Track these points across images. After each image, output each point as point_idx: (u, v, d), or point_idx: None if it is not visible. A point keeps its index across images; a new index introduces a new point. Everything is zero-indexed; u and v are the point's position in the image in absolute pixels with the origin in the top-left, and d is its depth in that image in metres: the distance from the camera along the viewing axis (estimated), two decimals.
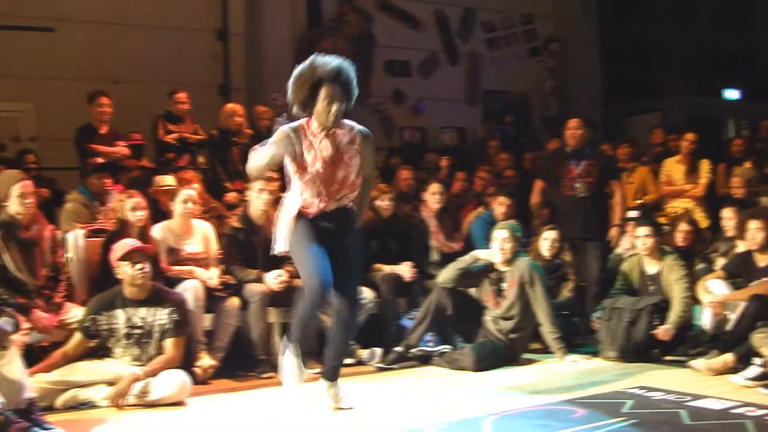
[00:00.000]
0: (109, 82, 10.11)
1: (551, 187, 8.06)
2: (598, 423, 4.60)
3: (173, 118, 8.76)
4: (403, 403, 5.30)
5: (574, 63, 14.87)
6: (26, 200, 5.85)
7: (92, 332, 5.56)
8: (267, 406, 5.11)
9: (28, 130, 10.88)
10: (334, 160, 4.86)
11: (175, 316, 5.59)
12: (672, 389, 5.37)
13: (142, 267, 5.54)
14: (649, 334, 6.53)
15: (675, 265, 6.77)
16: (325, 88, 4.74)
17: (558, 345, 6.52)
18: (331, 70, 4.77)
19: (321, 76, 4.74)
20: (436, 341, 6.77)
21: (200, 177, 8.34)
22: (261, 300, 6.45)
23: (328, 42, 12.37)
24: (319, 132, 4.84)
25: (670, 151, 10.05)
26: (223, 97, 11.67)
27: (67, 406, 5.24)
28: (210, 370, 6.10)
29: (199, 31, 11.98)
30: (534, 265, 6.62)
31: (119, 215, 6.39)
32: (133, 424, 4.92)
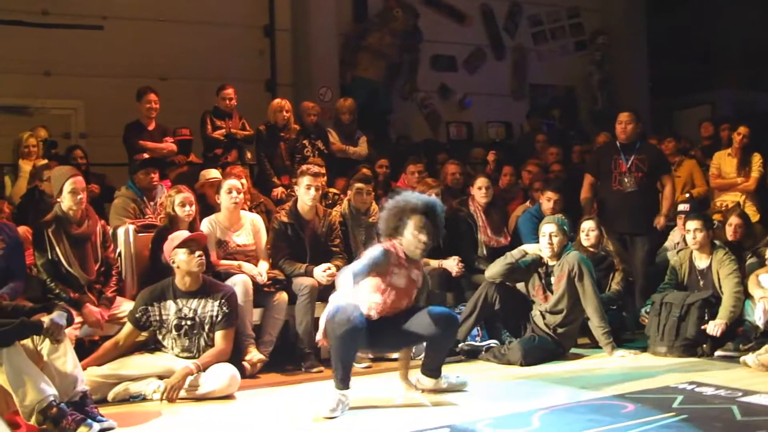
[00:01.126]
0: (157, 79, 10.20)
1: (600, 181, 8.01)
2: (648, 418, 4.55)
3: (221, 114, 8.81)
4: (451, 397, 5.29)
5: (621, 56, 14.71)
6: (78, 196, 5.94)
7: (143, 323, 5.62)
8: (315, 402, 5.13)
9: (78, 126, 11.04)
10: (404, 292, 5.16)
11: (225, 308, 5.64)
12: (723, 384, 5.30)
13: (200, 254, 5.60)
14: (700, 329, 6.45)
15: (725, 259, 6.68)
16: (416, 218, 5.03)
17: (606, 340, 6.47)
18: (425, 203, 5.09)
19: (414, 208, 5.04)
20: (483, 336, 6.76)
21: (248, 172, 8.39)
22: (309, 293, 6.47)
23: (374, 37, 12.39)
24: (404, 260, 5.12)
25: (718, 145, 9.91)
26: (269, 93, 11.72)
27: (118, 399, 5.32)
28: (258, 364, 6.14)
29: (245, 28, 12.04)
30: (583, 259, 6.56)
31: (168, 210, 6.45)
32: (184, 417, 4.97)
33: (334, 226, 6.96)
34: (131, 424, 4.78)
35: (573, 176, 9.03)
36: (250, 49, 12.04)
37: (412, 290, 5.21)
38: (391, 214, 5.10)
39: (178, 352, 5.60)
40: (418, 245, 5.03)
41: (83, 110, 11.03)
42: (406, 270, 5.12)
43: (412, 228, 5.01)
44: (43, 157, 8.22)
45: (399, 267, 5.09)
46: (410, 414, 4.89)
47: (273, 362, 6.36)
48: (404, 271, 5.11)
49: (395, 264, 5.08)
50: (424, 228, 5.00)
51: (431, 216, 5.05)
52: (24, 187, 7.81)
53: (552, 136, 11.62)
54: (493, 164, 9.92)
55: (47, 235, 5.89)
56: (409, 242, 5.04)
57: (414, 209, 5.02)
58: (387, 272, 5.05)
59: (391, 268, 5.06)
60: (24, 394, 4.31)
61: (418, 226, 5.00)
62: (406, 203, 5.05)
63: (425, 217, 5.01)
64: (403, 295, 5.16)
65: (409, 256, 5.12)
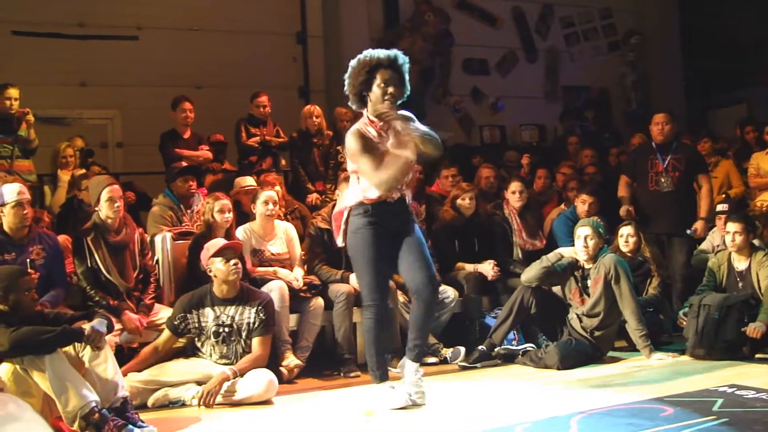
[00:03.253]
0: (192, 88, 10.29)
1: (636, 182, 7.97)
2: (688, 422, 4.50)
3: (255, 122, 8.88)
4: (488, 401, 5.28)
5: (654, 56, 14.63)
6: (115, 204, 6.03)
7: (181, 330, 5.68)
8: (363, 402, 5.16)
9: (114, 136, 11.20)
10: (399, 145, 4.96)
11: (263, 315, 5.68)
12: (764, 388, 5.22)
13: (236, 263, 5.65)
14: (739, 331, 6.38)
15: (765, 261, 6.60)
16: (381, 73, 4.90)
17: (644, 342, 6.42)
18: (386, 55, 4.94)
19: (377, 62, 4.90)
20: (520, 340, 6.74)
21: (282, 179, 8.45)
22: (346, 300, 6.50)
23: (406, 42, 12.40)
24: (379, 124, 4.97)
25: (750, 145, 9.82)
26: (303, 100, 11.80)
27: (158, 405, 5.38)
28: (295, 369, 6.17)
29: (278, 35, 12.14)
30: (620, 261, 6.52)
31: (206, 217, 6.51)
32: (222, 423, 5.00)
33: None
34: (171, 429, 4.81)
35: (608, 178, 8.98)
36: (283, 56, 12.14)
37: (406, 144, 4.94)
38: (355, 71, 4.95)
39: (216, 359, 5.65)
40: (386, 97, 4.90)
41: (119, 120, 11.20)
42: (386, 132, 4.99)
43: (378, 80, 4.90)
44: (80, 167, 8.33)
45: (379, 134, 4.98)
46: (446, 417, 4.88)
47: (310, 367, 6.39)
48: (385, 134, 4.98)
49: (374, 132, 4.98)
50: (390, 80, 4.90)
51: (395, 67, 4.94)
52: (63, 196, 7.92)
53: (585, 137, 11.57)
54: (527, 167, 9.89)
55: (86, 244, 5.97)
56: (377, 96, 4.93)
57: (378, 63, 4.90)
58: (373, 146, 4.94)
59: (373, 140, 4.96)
60: (67, 400, 4.37)
61: (384, 78, 4.89)
62: (370, 58, 4.92)
63: (390, 70, 4.91)
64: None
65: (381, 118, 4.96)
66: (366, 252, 4.96)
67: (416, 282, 5.00)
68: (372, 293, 4.98)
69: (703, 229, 7.81)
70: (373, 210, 4.98)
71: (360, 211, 4.99)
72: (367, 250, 4.96)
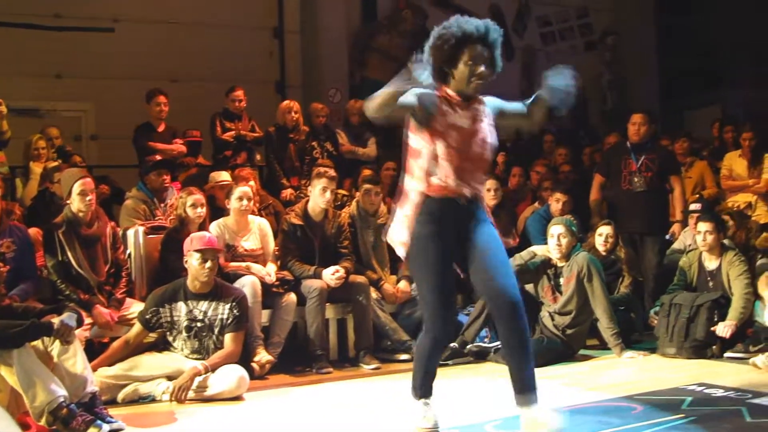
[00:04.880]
0: (168, 81, 10.24)
1: (610, 181, 8.00)
2: (657, 419, 4.54)
3: (230, 116, 8.84)
4: (459, 398, 5.29)
5: (630, 56, 14.69)
6: (87, 197, 5.98)
7: (153, 324, 5.65)
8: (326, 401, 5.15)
9: (88, 128, 11.12)
10: (471, 135, 4.17)
11: (236, 311, 5.66)
12: (732, 386, 5.29)
13: (210, 266, 5.63)
14: (709, 330, 6.44)
15: (736, 260, 6.66)
16: (470, 48, 4.12)
17: (615, 341, 6.46)
18: (477, 27, 4.15)
19: (466, 35, 4.11)
20: (492, 337, 6.74)
21: (257, 174, 8.42)
22: (319, 296, 6.49)
23: (383, 38, 12.41)
24: (457, 99, 4.18)
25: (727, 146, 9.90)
26: (279, 95, 11.76)
27: (128, 400, 5.35)
28: (267, 365, 6.16)
29: (255, 29, 12.08)
30: (592, 260, 6.56)
31: (179, 212, 6.49)
32: (193, 418, 4.99)
33: (343, 227, 6.97)
34: (140, 425, 4.80)
35: (582, 177, 9.02)
36: (260, 50, 12.09)
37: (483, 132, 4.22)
38: (438, 44, 4.15)
39: (188, 354, 5.63)
40: (474, 77, 4.12)
41: (94, 112, 11.13)
42: (467, 110, 4.19)
43: (466, 57, 4.11)
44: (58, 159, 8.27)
45: (453, 108, 4.15)
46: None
47: (282, 363, 6.37)
48: (463, 111, 4.17)
49: (447, 106, 4.14)
50: (479, 57, 4.11)
51: (486, 42, 4.15)
52: (35, 189, 7.85)
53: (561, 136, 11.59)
54: (502, 165, 9.90)
55: (57, 237, 5.92)
56: (462, 75, 4.13)
57: (467, 37, 4.10)
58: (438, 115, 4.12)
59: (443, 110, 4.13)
60: (34, 395, 4.34)
61: (472, 55, 4.11)
62: (457, 29, 4.11)
63: (480, 45, 4.12)
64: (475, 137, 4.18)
65: (464, 95, 4.19)
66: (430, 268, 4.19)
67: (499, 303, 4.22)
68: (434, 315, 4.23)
69: (679, 231, 7.89)
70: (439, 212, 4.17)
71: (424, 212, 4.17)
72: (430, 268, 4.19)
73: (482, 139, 4.21)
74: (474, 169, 4.20)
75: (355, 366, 6.56)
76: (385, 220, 7.19)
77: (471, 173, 4.19)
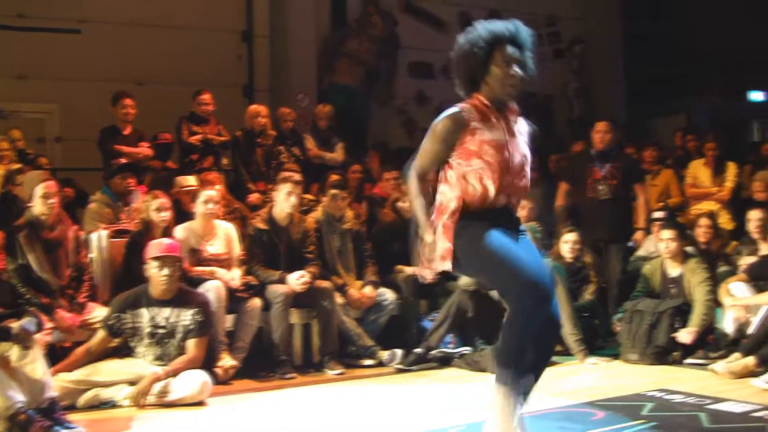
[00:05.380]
0: (134, 84, 10.18)
1: (575, 189, 8.05)
2: (617, 425, 4.58)
3: (197, 120, 8.80)
4: (423, 404, 5.30)
5: (598, 65, 14.81)
6: (50, 200, 5.92)
7: (116, 330, 5.60)
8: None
9: (53, 131, 11.01)
10: (508, 148, 3.90)
11: (199, 317, 5.63)
12: (692, 392, 5.34)
13: (167, 274, 5.59)
14: (671, 337, 6.50)
15: (698, 267, 6.73)
16: (501, 51, 3.87)
17: (579, 347, 6.51)
18: (508, 28, 3.93)
19: (498, 37, 3.89)
20: (456, 343, 6.76)
21: (223, 178, 8.38)
22: (284, 301, 6.47)
23: (352, 43, 12.43)
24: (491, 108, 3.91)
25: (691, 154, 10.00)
26: (247, 99, 11.73)
27: (88, 406, 5.28)
28: (231, 370, 6.12)
29: (223, 33, 12.04)
30: (556, 267, 6.61)
31: (143, 216, 6.44)
32: (154, 424, 4.95)
33: (309, 232, 6.96)
34: (100, 430, 4.77)
35: (549, 185, 9.06)
36: (228, 54, 12.05)
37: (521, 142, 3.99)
38: (466, 50, 3.90)
39: (151, 360, 5.58)
40: (508, 80, 3.85)
41: (58, 114, 11.01)
42: (498, 121, 3.90)
43: (499, 60, 3.86)
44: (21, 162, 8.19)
45: (485, 120, 3.87)
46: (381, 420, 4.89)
47: (246, 368, 6.34)
48: (497, 123, 3.89)
49: (477, 119, 3.87)
50: (514, 58, 3.87)
51: (517, 43, 3.92)
52: None
53: None
54: None
55: (19, 240, 5.86)
56: (496, 78, 3.87)
57: (498, 38, 3.88)
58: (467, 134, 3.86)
59: (472, 125, 3.86)
60: None
61: (506, 57, 3.86)
62: (487, 32, 3.88)
63: (511, 46, 3.89)
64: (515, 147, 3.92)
65: (499, 102, 3.93)
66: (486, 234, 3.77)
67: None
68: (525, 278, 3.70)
69: (642, 239, 7.95)
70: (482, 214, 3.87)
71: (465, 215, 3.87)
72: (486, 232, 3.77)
73: (521, 149, 3.97)
74: (515, 181, 3.94)
75: (320, 371, 6.55)
76: (351, 226, 7.22)
77: (511, 187, 3.93)
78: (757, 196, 8.11)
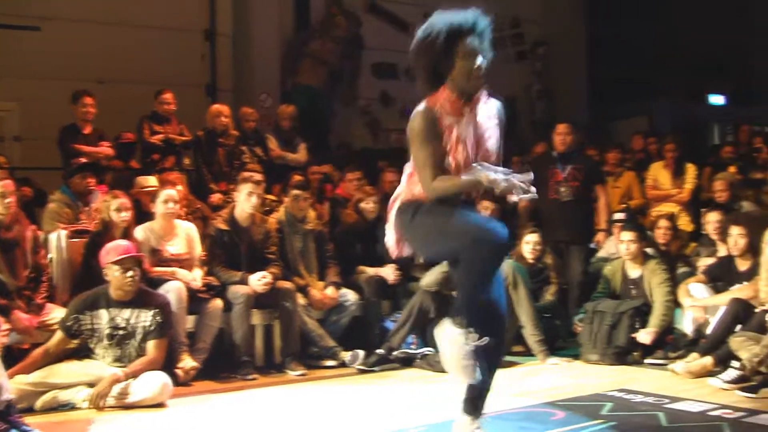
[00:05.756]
0: (95, 82, 10.05)
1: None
2: (577, 425, 4.62)
3: (159, 119, 8.73)
4: (385, 404, 5.30)
5: (560, 67, 14.91)
6: (6, 200, 5.84)
7: (74, 331, 5.54)
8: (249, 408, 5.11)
9: (12, 129, 10.85)
10: (478, 142, 3.88)
11: (159, 318, 5.58)
12: (651, 392, 5.40)
13: (132, 275, 5.53)
14: (631, 337, 6.55)
15: (657, 269, 6.80)
16: (464, 43, 3.74)
17: (540, 347, 6.54)
18: (465, 19, 3.79)
19: (457, 28, 3.76)
20: (418, 344, 6.76)
21: (185, 178, 8.32)
22: (245, 302, 6.45)
23: (316, 44, 12.39)
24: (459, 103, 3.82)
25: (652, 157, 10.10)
26: (210, 98, 11.64)
27: (46, 408, 5.22)
28: (192, 371, 6.08)
29: (186, 32, 11.93)
30: (517, 267, 6.64)
31: (103, 216, 6.37)
32: (113, 426, 4.90)
33: (271, 233, 6.93)
34: None
35: None
36: (191, 53, 11.95)
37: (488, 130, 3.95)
38: (426, 43, 3.77)
39: (110, 362, 5.52)
40: (475, 73, 3.75)
41: (18, 112, 10.84)
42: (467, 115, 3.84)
43: (462, 52, 3.74)
44: None
45: (456, 114, 3.81)
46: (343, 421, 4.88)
47: (207, 370, 6.30)
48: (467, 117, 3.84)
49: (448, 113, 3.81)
50: (477, 49, 3.76)
51: (479, 33, 3.79)
52: None
53: None
54: None
55: None
56: (461, 70, 3.76)
57: (459, 29, 3.75)
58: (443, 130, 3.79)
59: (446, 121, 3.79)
60: None
61: (468, 48, 3.74)
62: (448, 24, 3.74)
63: (472, 37, 3.76)
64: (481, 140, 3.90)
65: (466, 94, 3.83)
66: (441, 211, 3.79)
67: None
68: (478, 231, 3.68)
69: (604, 240, 8.02)
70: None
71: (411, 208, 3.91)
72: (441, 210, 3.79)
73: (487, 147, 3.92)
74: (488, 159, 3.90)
75: (281, 372, 6.53)
76: (314, 226, 7.20)
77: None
78: (718, 198, 8.20)
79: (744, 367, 5.48)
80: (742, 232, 6.43)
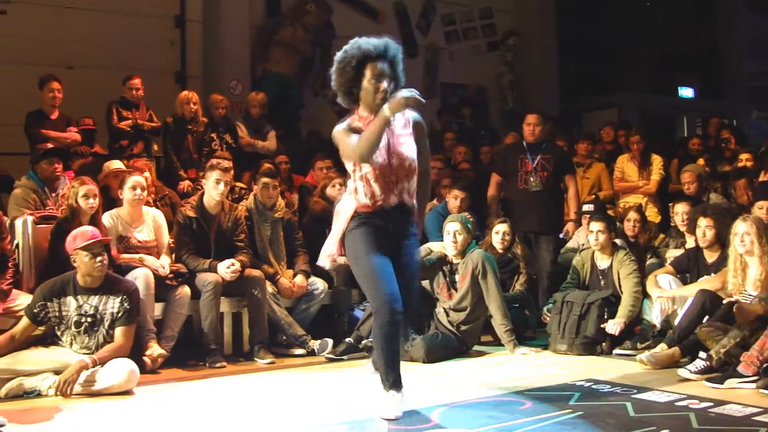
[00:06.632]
0: (63, 67, 9.94)
1: (506, 180, 8.11)
2: (545, 415, 4.62)
3: (127, 105, 8.67)
4: (353, 393, 5.28)
5: (532, 58, 14.93)
6: None
7: (41, 318, 5.48)
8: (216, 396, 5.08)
9: None
10: (390, 148, 4.49)
11: (127, 304, 5.54)
12: (619, 382, 5.42)
13: (101, 260, 5.48)
14: (599, 327, 6.58)
15: (626, 260, 6.83)
16: (371, 66, 4.42)
17: (509, 337, 6.55)
18: (376, 46, 4.44)
19: (366, 54, 4.42)
20: None
21: (153, 165, 8.26)
22: (213, 290, 6.41)
23: (287, 31, 12.30)
24: (370, 118, 4.44)
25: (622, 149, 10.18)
26: (179, 85, 11.53)
27: (11, 395, 5.17)
28: (159, 359, 6.05)
29: (156, 17, 11.78)
30: (487, 257, 6.64)
31: (70, 202, 6.31)
32: (80, 413, 4.85)
33: (240, 221, 6.90)
34: (24, 421, 4.65)
35: (481, 175, 9.12)
36: (160, 39, 11.80)
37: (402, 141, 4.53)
38: (341, 66, 4.46)
39: (77, 349, 5.48)
40: (378, 94, 4.41)
41: None
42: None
43: (368, 76, 4.42)
44: None
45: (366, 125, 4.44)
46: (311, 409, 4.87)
47: (175, 357, 6.28)
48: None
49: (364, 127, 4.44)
50: (382, 74, 4.42)
51: (386, 59, 4.45)
52: None
53: (462, 135, 11.71)
54: None
55: None
56: (368, 92, 4.44)
57: (367, 55, 4.41)
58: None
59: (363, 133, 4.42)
60: None
61: (374, 73, 4.41)
62: (357, 50, 4.42)
63: (380, 62, 4.42)
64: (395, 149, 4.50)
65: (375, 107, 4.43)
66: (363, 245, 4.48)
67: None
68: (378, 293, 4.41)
69: (573, 230, 8.06)
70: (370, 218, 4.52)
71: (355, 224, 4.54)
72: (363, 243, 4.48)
73: (401, 151, 4.52)
74: (399, 180, 4.52)
75: (250, 360, 6.51)
76: (283, 214, 7.17)
77: (397, 184, 4.52)
78: (686, 189, 8.26)
79: (711, 358, 5.52)
80: (709, 224, 6.47)
